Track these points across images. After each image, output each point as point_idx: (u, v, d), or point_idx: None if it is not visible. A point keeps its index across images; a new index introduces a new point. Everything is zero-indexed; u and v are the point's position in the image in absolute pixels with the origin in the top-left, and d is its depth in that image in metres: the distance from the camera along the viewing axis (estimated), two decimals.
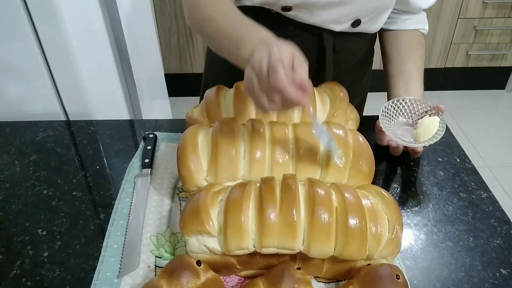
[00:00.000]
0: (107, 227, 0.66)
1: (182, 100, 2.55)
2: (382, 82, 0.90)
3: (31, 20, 0.85)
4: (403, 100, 0.79)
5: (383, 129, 0.74)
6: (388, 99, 0.84)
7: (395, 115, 0.79)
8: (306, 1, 0.75)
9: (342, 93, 0.75)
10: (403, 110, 0.79)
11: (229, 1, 0.72)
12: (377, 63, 0.99)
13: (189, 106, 0.79)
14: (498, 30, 2.46)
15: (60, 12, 0.85)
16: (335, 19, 0.80)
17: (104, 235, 0.65)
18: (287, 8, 0.77)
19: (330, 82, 0.78)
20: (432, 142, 0.72)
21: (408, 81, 0.85)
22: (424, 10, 0.89)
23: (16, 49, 0.88)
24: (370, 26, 0.84)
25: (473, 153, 2.21)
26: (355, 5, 0.77)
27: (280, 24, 0.81)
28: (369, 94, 1.07)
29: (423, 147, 0.76)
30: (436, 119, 0.75)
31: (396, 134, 0.76)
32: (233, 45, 0.60)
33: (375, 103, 0.94)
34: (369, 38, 0.91)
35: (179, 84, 2.44)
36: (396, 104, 0.78)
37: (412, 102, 0.78)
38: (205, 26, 0.69)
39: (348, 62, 0.91)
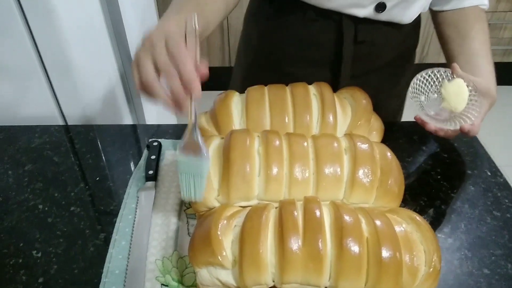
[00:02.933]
0: (107, 249, 0.60)
1: None
2: None
3: (24, 16, 0.78)
4: (421, 76, 0.71)
5: (425, 121, 0.67)
6: None
7: (426, 93, 0.71)
8: None
9: (365, 100, 0.68)
10: (426, 87, 0.71)
11: None
12: None
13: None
14: None
15: (56, 8, 0.79)
16: (354, 2, 0.72)
17: (105, 258, 0.59)
18: None
19: (351, 87, 0.72)
20: (473, 112, 0.66)
21: (471, 59, 0.76)
22: None
23: (8, 48, 0.81)
24: (400, 14, 0.75)
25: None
26: None
27: (299, 8, 0.76)
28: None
29: (470, 119, 0.68)
30: (458, 81, 0.68)
31: (436, 118, 0.70)
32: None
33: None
34: (404, 33, 0.82)
35: None
36: (416, 84, 0.71)
37: (426, 75, 0.71)
38: None
39: (374, 60, 0.83)
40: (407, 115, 0.92)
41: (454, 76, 0.70)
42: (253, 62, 0.91)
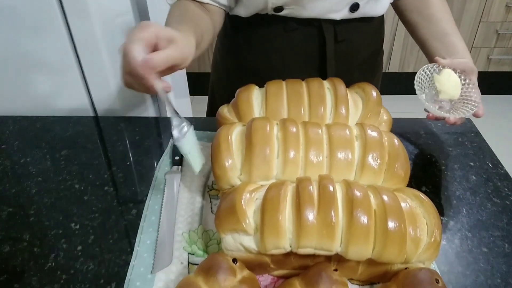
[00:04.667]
0: (139, 223, 0.67)
1: (200, 98, 2.56)
2: (391, 85, 0.89)
3: (65, 17, 0.86)
4: (416, 78, 0.76)
5: (437, 115, 0.73)
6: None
7: (423, 91, 0.77)
8: None
9: (375, 94, 0.74)
10: (422, 86, 0.77)
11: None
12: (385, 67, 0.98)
13: (205, 105, 0.79)
14: None
15: (93, 11, 0.86)
16: (330, 8, 0.78)
17: (137, 230, 0.65)
18: (278, 9, 0.77)
19: (362, 83, 0.77)
20: (473, 94, 0.73)
21: (444, 39, 0.81)
22: None
23: (49, 45, 0.89)
24: (373, 8, 0.81)
25: None
26: None
27: (279, 21, 0.81)
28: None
29: (473, 101, 0.74)
30: (446, 71, 0.74)
31: (442, 110, 0.76)
32: None
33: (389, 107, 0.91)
34: (375, 26, 0.88)
35: (197, 83, 2.45)
36: (417, 82, 0.76)
37: (419, 75, 0.76)
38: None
39: (354, 57, 0.89)
40: (415, 113, 0.98)
41: (441, 68, 0.75)
42: (234, 74, 0.95)
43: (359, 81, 0.79)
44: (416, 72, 0.76)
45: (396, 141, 0.65)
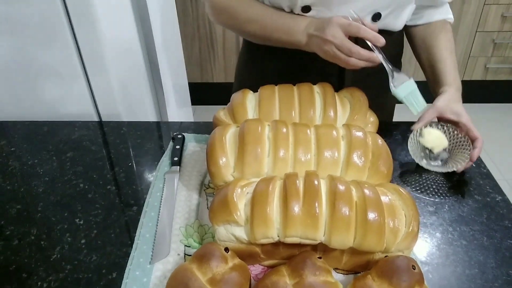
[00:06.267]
0: (139, 219, 0.71)
1: (202, 108, 2.62)
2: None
3: (72, 27, 0.92)
4: (409, 144, 0.81)
5: (442, 171, 0.79)
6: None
7: (420, 155, 0.82)
8: None
9: (362, 98, 0.79)
10: (416, 150, 0.81)
11: (259, 3, 0.83)
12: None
13: (209, 114, 0.84)
14: None
15: (98, 21, 0.92)
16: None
17: (137, 225, 0.70)
18: (306, 8, 0.82)
19: (350, 88, 0.82)
20: (463, 138, 0.78)
21: (434, 66, 0.87)
22: (448, 2, 0.92)
23: (56, 54, 0.94)
24: (392, 21, 0.86)
25: (491, 166, 2.21)
26: None
27: None
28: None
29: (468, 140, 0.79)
30: (426, 131, 0.80)
31: (443, 162, 0.81)
32: (284, 35, 0.81)
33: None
34: (394, 38, 0.92)
35: (199, 93, 2.51)
36: (412, 151, 0.81)
37: (409, 142, 0.81)
38: (247, 27, 0.85)
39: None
40: (401, 116, 1.03)
41: (419, 130, 0.81)
42: (257, 80, 0.97)
43: (376, 88, 0.85)
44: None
45: (379, 140, 0.70)
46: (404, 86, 0.77)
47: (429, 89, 0.89)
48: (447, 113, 0.80)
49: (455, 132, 0.80)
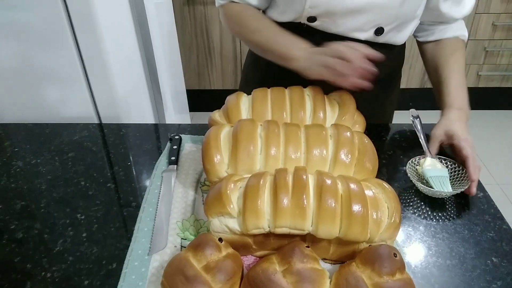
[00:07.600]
0: (138, 214, 0.75)
1: (200, 115, 2.66)
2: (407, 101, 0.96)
3: (74, 32, 0.96)
4: (409, 175, 0.80)
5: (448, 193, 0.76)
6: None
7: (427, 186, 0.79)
8: (328, 9, 0.83)
9: (350, 100, 0.83)
10: (419, 179, 0.81)
11: (268, 18, 0.89)
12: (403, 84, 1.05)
13: (206, 120, 0.88)
14: (508, 51, 2.52)
15: (99, 28, 0.96)
16: (358, 27, 0.86)
17: (136, 220, 0.73)
18: (312, 19, 0.86)
19: (340, 91, 0.86)
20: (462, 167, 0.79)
21: (441, 88, 0.88)
22: (460, 18, 0.92)
23: (58, 58, 0.98)
24: (395, 36, 0.89)
25: (484, 172, 2.25)
26: (375, 12, 0.83)
27: (308, 34, 0.88)
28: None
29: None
30: (425, 172, 0.79)
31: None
32: (283, 48, 0.84)
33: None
34: (396, 52, 0.94)
35: (197, 99, 2.56)
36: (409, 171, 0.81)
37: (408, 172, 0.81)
38: (253, 36, 0.91)
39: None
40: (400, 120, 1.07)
41: (419, 165, 0.82)
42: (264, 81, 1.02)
43: (376, 96, 0.87)
44: None
45: (365, 139, 0.74)
46: (435, 170, 0.79)
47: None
48: (441, 138, 0.83)
49: (454, 165, 0.81)
